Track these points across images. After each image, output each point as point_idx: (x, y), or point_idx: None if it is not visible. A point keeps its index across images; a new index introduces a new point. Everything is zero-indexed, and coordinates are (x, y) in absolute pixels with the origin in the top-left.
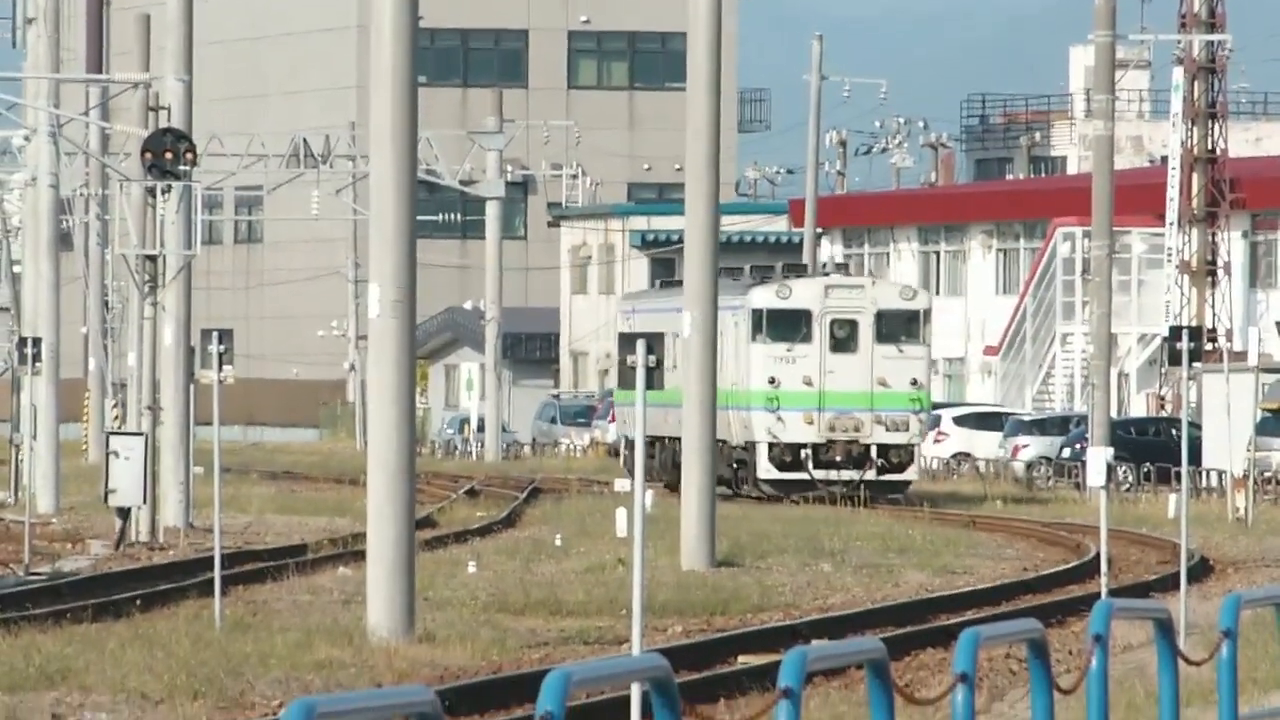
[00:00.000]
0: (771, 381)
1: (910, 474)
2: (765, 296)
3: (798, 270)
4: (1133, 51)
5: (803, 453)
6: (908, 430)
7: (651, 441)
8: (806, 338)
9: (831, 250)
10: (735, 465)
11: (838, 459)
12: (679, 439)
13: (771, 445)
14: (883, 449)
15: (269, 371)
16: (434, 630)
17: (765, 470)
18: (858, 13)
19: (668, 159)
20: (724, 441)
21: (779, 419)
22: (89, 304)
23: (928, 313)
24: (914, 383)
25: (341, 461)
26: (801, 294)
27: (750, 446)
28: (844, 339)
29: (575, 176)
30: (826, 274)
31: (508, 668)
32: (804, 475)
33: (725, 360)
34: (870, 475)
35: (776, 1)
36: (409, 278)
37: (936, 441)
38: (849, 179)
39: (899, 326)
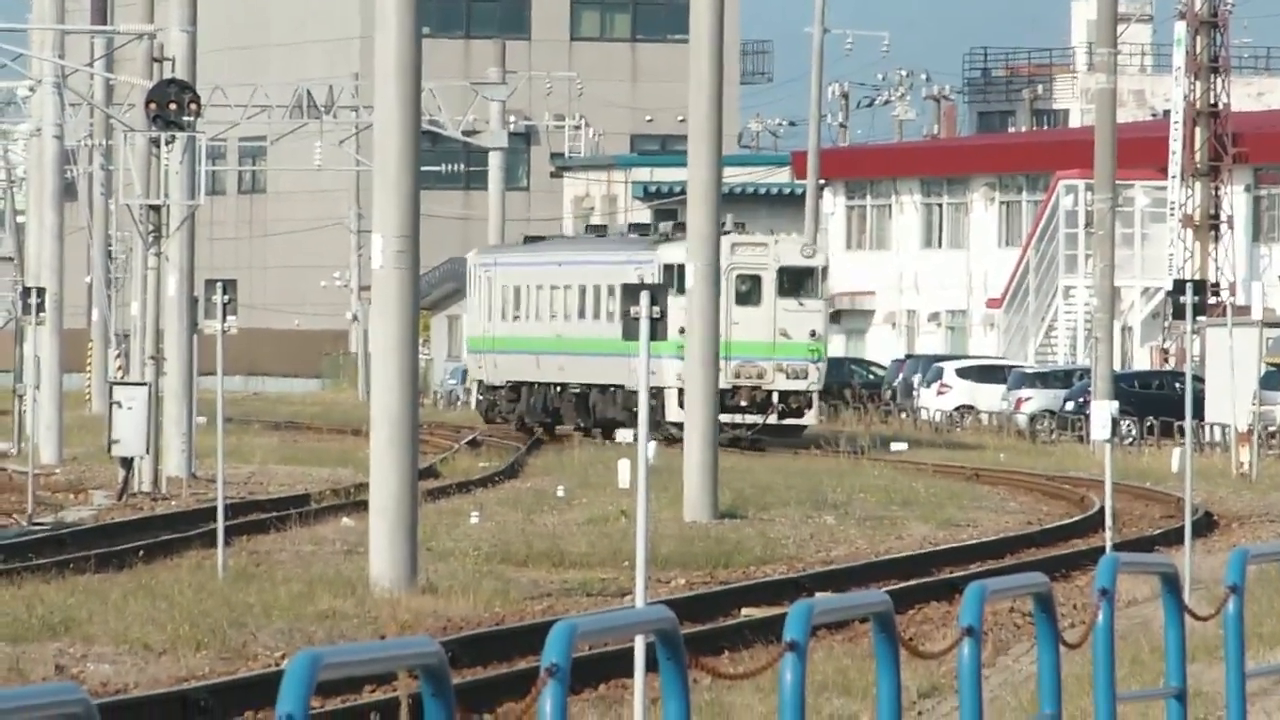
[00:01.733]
0: (681, 331)
1: (809, 419)
2: (675, 253)
3: (683, 227)
4: (1135, 5)
5: None
6: (807, 378)
7: (515, 387)
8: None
9: (834, 202)
10: (636, 409)
11: (742, 404)
12: (548, 384)
13: (680, 390)
14: (784, 395)
15: (272, 322)
16: (437, 581)
17: (674, 414)
18: None
19: (670, 110)
20: (622, 386)
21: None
22: (93, 254)
23: (825, 269)
24: (812, 334)
25: (344, 412)
26: None
27: (658, 392)
28: (748, 293)
29: (578, 127)
30: (727, 232)
31: (511, 619)
32: None
33: (617, 310)
34: (772, 419)
35: None
36: (412, 228)
37: (939, 394)
38: (851, 131)
39: (799, 282)
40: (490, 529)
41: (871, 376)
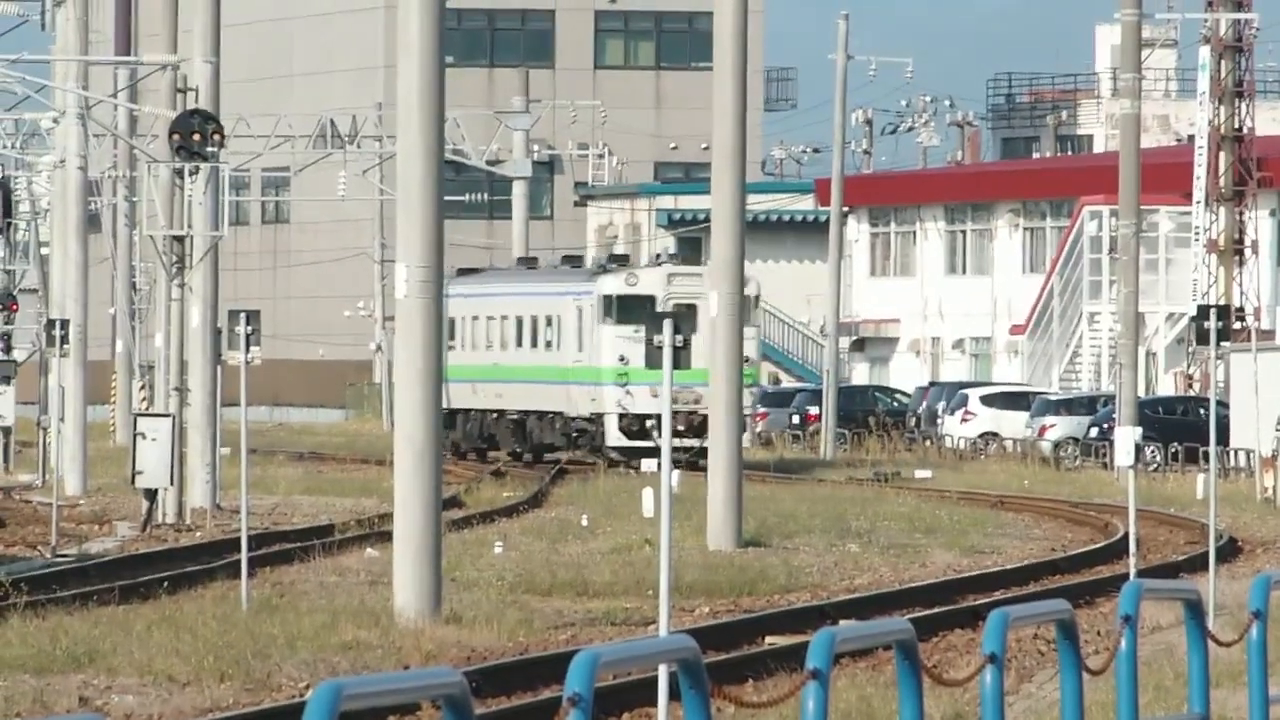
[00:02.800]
0: (621, 359)
1: (745, 440)
2: (614, 284)
3: (621, 260)
4: (1159, 30)
5: (648, 423)
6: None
7: (452, 414)
8: (652, 320)
9: (858, 229)
10: (575, 435)
11: (680, 428)
12: (485, 411)
13: (621, 416)
14: None
15: (295, 352)
16: (461, 611)
17: (615, 439)
18: None
19: (694, 138)
20: (560, 413)
21: (628, 393)
22: (117, 285)
23: (757, 298)
24: (745, 359)
25: (368, 442)
26: (647, 281)
27: (598, 418)
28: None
29: (602, 156)
30: (661, 263)
31: (535, 649)
32: (649, 443)
33: (567, 340)
34: (707, 443)
35: None
36: (436, 257)
37: (964, 421)
38: (875, 158)
39: None
40: (514, 558)
41: (896, 404)
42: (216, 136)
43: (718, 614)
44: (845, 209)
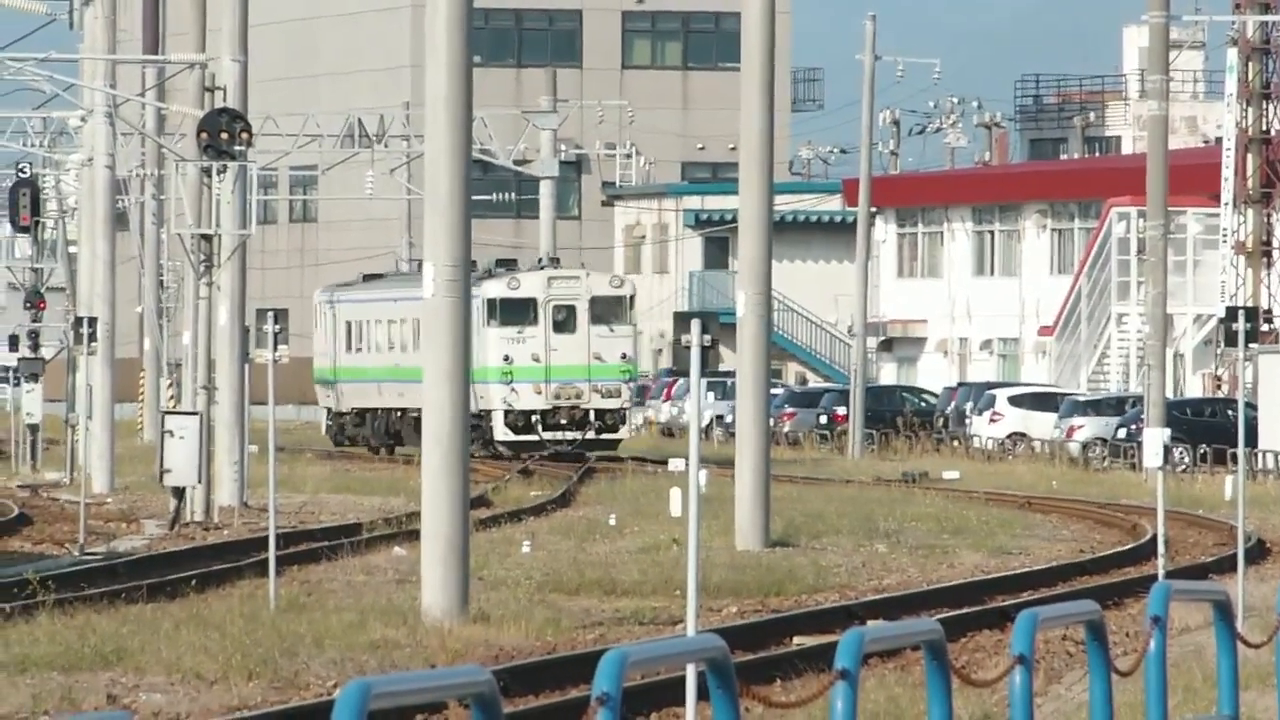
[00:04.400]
0: (505, 359)
1: (622, 434)
2: (498, 287)
3: (507, 265)
4: (1186, 32)
5: (533, 418)
6: (619, 397)
7: (361, 413)
8: (533, 321)
9: (886, 229)
10: (476, 427)
11: (562, 422)
12: (390, 410)
13: (507, 412)
14: (599, 413)
15: None
16: (488, 610)
17: (502, 434)
18: None
19: (721, 138)
20: (484, 411)
21: (513, 390)
22: (144, 284)
23: (633, 298)
24: (623, 356)
25: None
26: (528, 284)
27: (486, 414)
28: (564, 321)
29: (629, 156)
30: (542, 267)
31: (562, 648)
32: (534, 437)
33: None
34: (590, 435)
35: None
36: (463, 257)
37: (992, 421)
38: (903, 158)
39: (609, 310)
40: (542, 558)
41: (923, 404)
42: (244, 135)
43: (745, 614)
44: (873, 209)
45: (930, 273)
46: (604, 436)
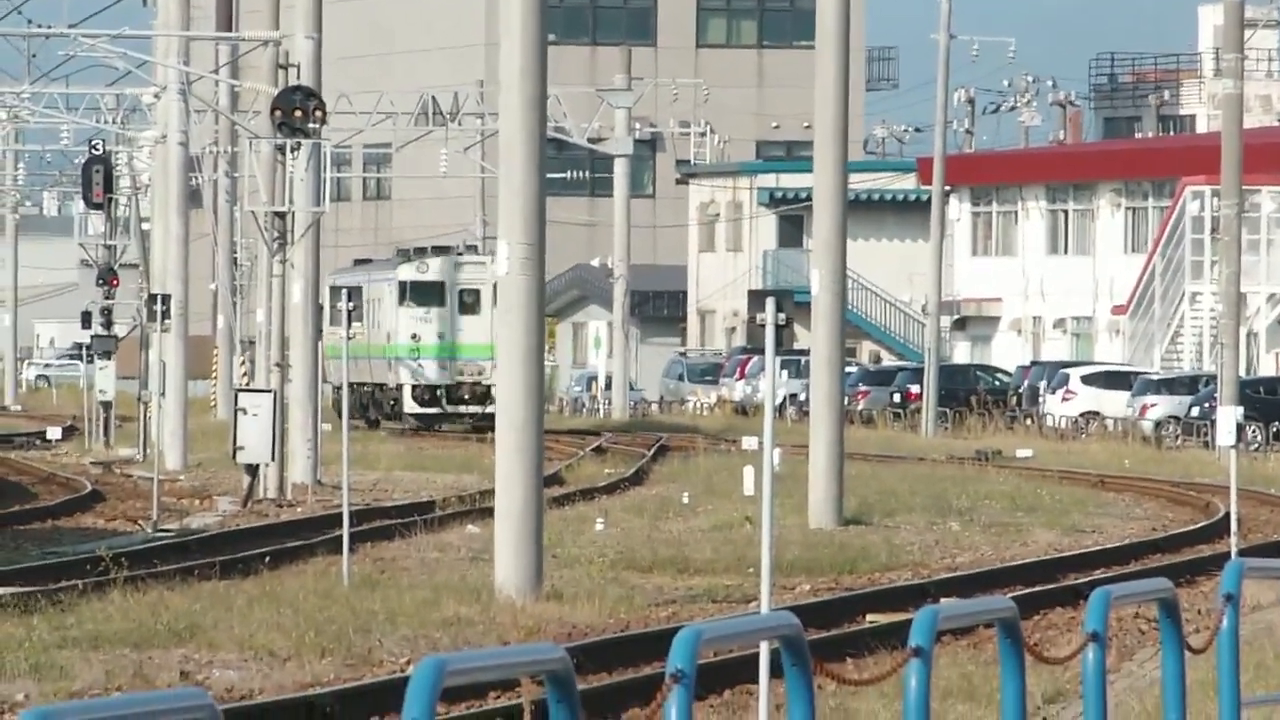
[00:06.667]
0: (414, 337)
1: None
2: (409, 271)
3: (441, 251)
4: (1261, 10)
5: (438, 392)
6: None
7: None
8: (441, 303)
9: (960, 208)
10: (392, 403)
11: (465, 397)
12: (362, 384)
13: (415, 387)
14: None
15: None
16: (561, 588)
17: (410, 406)
18: None
19: (796, 117)
20: (381, 384)
21: (420, 366)
22: (218, 261)
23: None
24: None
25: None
26: (436, 269)
27: (399, 388)
28: (470, 304)
29: (703, 134)
30: (459, 254)
31: (635, 625)
32: (439, 410)
33: (381, 321)
34: (490, 409)
35: None
36: (538, 235)
37: (1065, 400)
38: (977, 137)
39: None
40: (615, 535)
41: (997, 383)
42: (318, 113)
43: (818, 592)
44: (947, 188)
45: (1004, 251)
46: None
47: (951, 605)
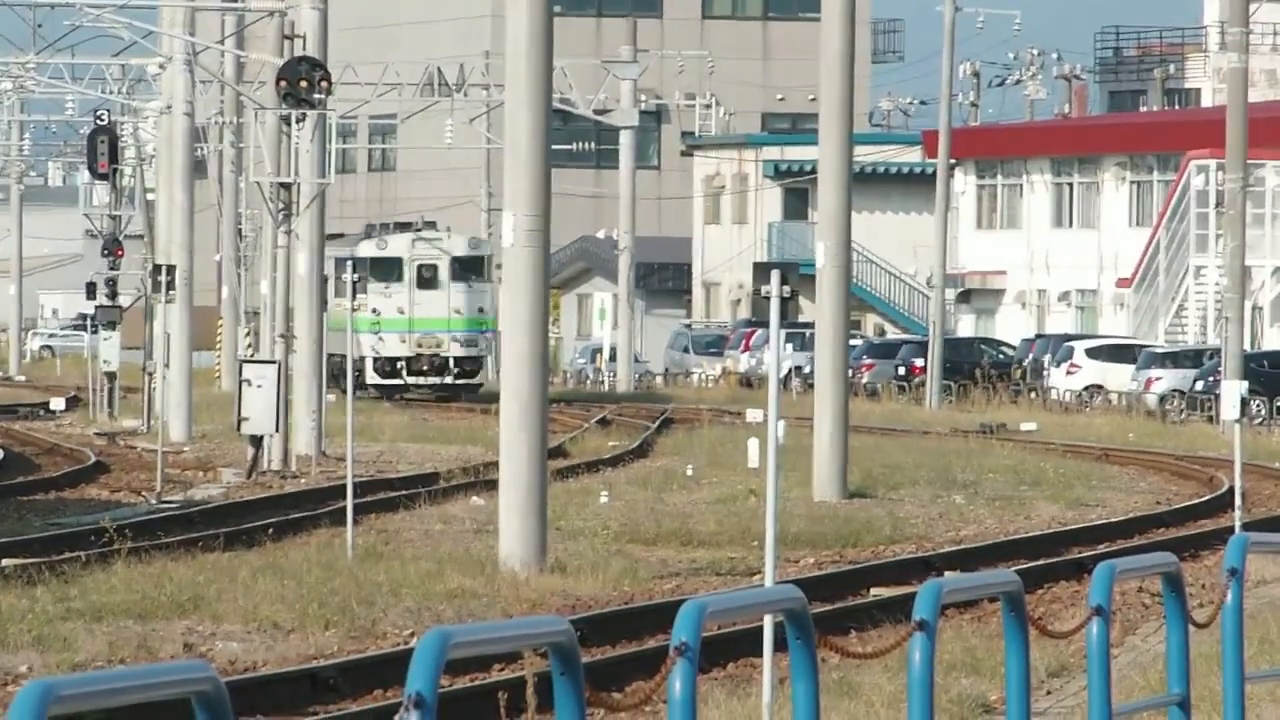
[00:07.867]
0: (374, 311)
1: (479, 379)
2: (369, 247)
3: (403, 228)
4: None
5: (399, 364)
6: (477, 346)
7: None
8: (399, 278)
9: (965, 181)
10: (356, 374)
11: (425, 369)
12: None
13: (376, 359)
14: (459, 360)
15: None
16: (565, 560)
17: (372, 378)
18: None
19: (801, 89)
20: (344, 355)
21: (381, 339)
22: (223, 232)
23: (490, 257)
24: (480, 310)
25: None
26: (395, 245)
27: (361, 360)
28: (428, 279)
29: (709, 106)
30: (418, 230)
31: (639, 598)
32: (400, 381)
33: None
34: (449, 380)
35: None
36: (543, 206)
37: (1069, 373)
38: (982, 110)
39: (469, 268)
40: (619, 508)
41: (1001, 356)
42: (324, 84)
43: (822, 565)
44: (952, 161)
45: (1009, 224)
46: (462, 381)
47: (955, 579)
